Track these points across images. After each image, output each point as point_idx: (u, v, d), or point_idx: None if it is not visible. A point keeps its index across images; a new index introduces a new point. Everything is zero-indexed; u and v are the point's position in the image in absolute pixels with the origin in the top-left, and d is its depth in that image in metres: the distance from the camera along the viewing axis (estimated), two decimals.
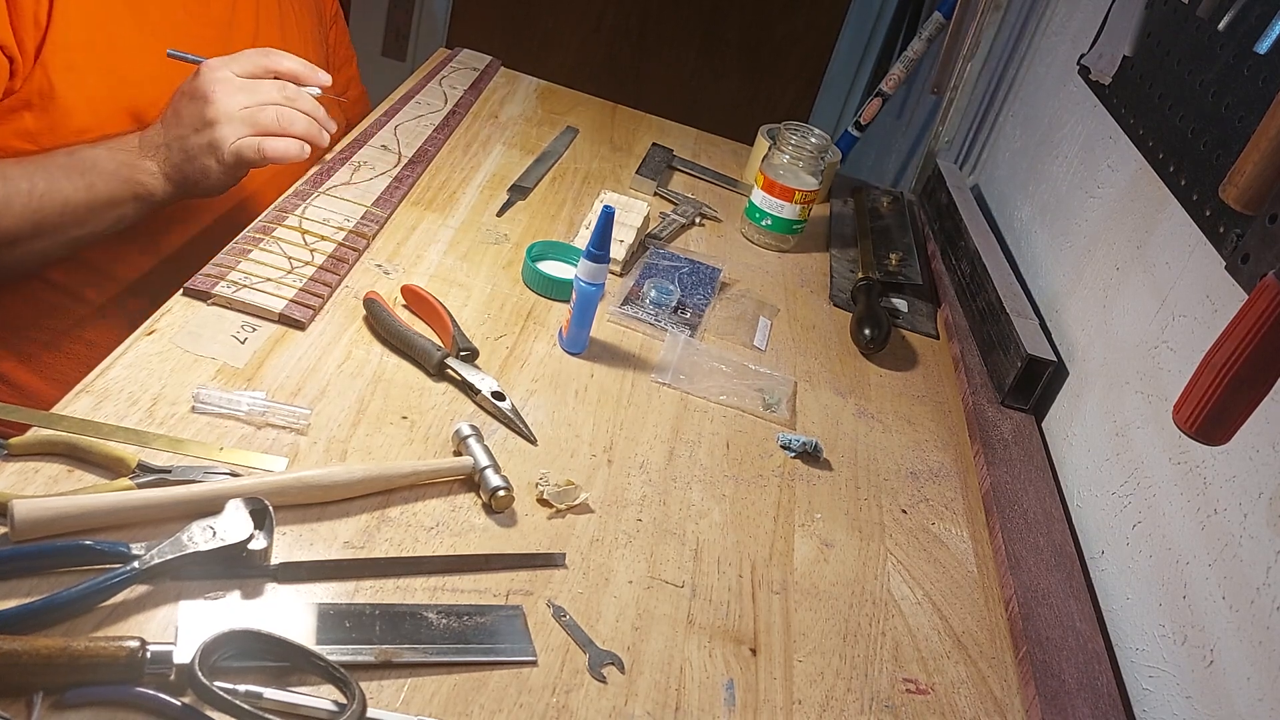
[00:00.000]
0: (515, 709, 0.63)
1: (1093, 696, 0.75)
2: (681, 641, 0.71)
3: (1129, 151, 1.07)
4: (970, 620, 0.81)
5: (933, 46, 1.72)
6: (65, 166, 0.92)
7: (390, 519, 0.73)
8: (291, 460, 0.75)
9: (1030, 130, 1.40)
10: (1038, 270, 1.24)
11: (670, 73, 2.71)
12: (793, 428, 0.97)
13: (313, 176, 1.08)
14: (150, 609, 0.61)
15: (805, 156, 1.28)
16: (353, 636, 0.63)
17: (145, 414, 0.74)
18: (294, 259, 0.94)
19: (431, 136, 1.26)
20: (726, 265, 1.22)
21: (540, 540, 0.75)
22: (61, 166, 0.92)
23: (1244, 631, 0.70)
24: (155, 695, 0.55)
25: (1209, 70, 0.91)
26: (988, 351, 1.14)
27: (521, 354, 0.95)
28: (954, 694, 0.74)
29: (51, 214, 0.91)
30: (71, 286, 1.05)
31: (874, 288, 1.21)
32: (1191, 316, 0.87)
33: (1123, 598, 0.86)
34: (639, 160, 1.42)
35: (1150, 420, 0.89)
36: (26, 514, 0.61)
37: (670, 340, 1.04)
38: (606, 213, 0.90)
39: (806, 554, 0.83)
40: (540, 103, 1.52)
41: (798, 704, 0.69)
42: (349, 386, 0.84)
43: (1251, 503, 0.73)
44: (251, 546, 0.64)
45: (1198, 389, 0.62)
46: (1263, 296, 0.59)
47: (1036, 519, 0.93)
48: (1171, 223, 0.95)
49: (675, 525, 0.81)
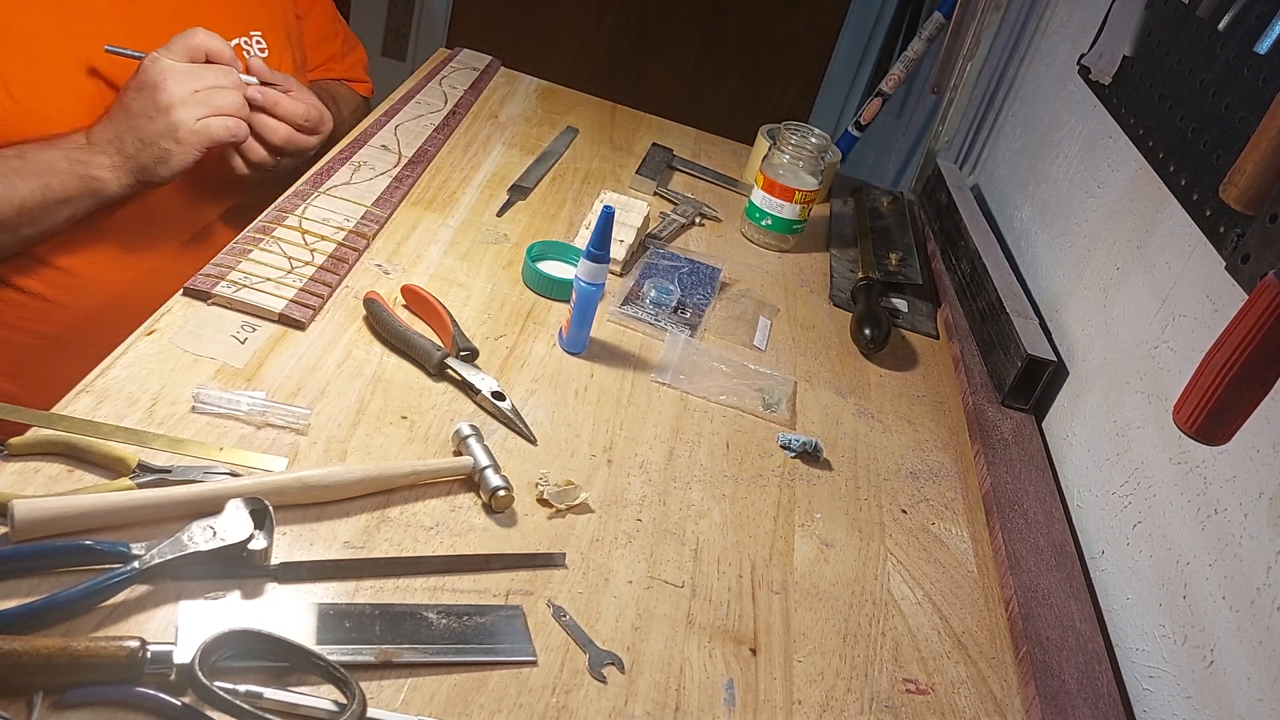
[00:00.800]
0: (515, 709, 0.63)
1: (1093, 696, 0.75)
2: (681, 641, 0.71)
3: (1129, 151, 1.07)
4: (970, 620, 0.81)
5: (933, 46, 1.72)
6: (19, 170, 0.92)
7: (390, 519, 0.73)
8: (291, 460, 0.75)
9: (1030, 130, 1.40)
10: (1038, 270, 1.24)
11: (670, 73, 2.71)
12: (793, 428, 0.97)
13: (313, 176, 1.08)
14: (150, 609, 0.61)
15: (805, 156, 1.28)
16: (353, 636, 0.63)
17: (145, 414, 0.74)
18: (294, 259, 0.94)
19: (431, 136, 1.26)
20: (726, 265, 1.22)
21: (540, 540, 0.75)
22: (15, 170, 0.92)
23: (1244, 632, 0.70)
24: (155, 695, 0.55)
25: (1209, 70, 0.91)
26: (988, 351, 1.14)
27: (521, 354, 0.95)
28: (954, 694, 0.74)
29: (8, 215, 0.92)
30: (48, 293, 1.04)
31: (874, 288, 1.21)
32: (1192, 316, 0.87)
33: (1123, 598, 0.86)
34: (639, 160, 1.42)
35: (1150, 420, 0.89)
36: (26, 514, 0.61)
37: (670, 340, 1.04)
38: (606, 213, 0.90)
39: (806, 554, 0.83)
40: (540, 103, 1.52)
41: (798, 704, 0.69)
42: (349, 386, 0.84)
43: (1252, 503, 0.73)
44: (251, 546, 0.64)
45: (1198, 389, 0.62)
46: (1263, 296, 0.59)
47: (1036, 519, 0.93)
48: (1171, 223, 0.95)
49: (675, 525, 0.81)
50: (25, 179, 0.92)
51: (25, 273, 1.01)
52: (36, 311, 1.04)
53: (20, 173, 0.92)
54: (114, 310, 1.04)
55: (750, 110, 2.70)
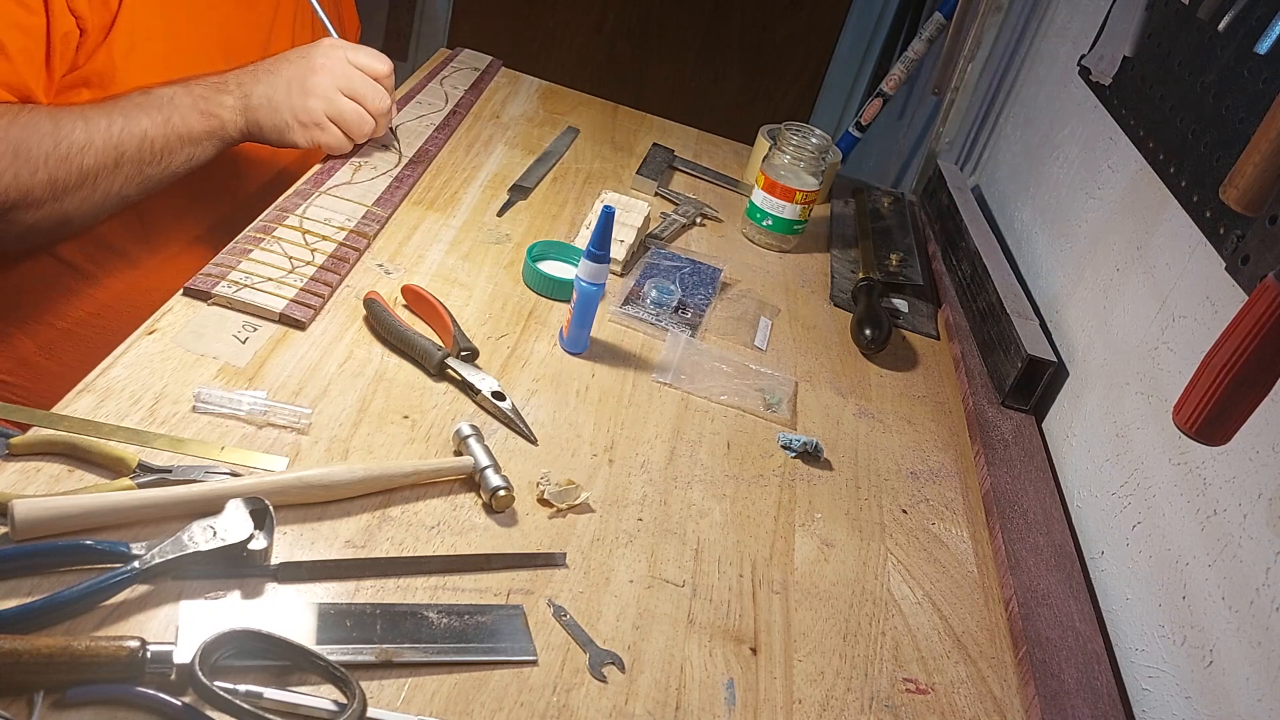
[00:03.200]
0: (516, 708, 0.63)
1: (1092, 696, 0.75)
2: (682, 641, 0.71)
3: (1129, 152, 1.07)
4: (970, 620, 0.81)
5: (933, 47, 1.72)
6: (142, 104, 0.95)
7: (391, 518, 0.73)
8: (292, 460, 0.75)
9: (1031, 131, 1.40)
10: (1038, 271, 1.24)
11: (671, 73, 2.71)
12: (793, 427, 0.97)
13: (313, 176, 1.08)
14: (151, 609, 0.61)
15: (806, 157, 1.28)
16: (353, 636, 0.63)
17: (146, 413, 0.74)
18: (295, 259, 0.94)
19: (432, 136, 1.26)
20: (727, 265, 1.22)
21: (541, 540, 0.75)
22: (139, 105, 0.95)
23: (1243, 632, 0.70)
24: (156, 695, 0.55)
25: (1209, 71, 0.91)
26: (988, 352, 1.14)
27: (522, 354, 0.95)
28: (954, 694, 0.74)
29: (130, 149, 0.94)
30: (92, 271, 1.07)
31: (875, 288, 1.21)
32: (1192, 317, 0.87)
33: (1122, 598, 0.86)
34: (640, 160, 1.42)
35: (1150, 421, 0.89)
36: (27, 513, 0.61)
37: (671, 340, 1.04)
38: (607, 213, 0.90)
39: (807, 554, 0.83)
40: (541, 103, 1.52)
41: (798, 703, 0.69)
42: (350, 386, 0.84)
43: (1251, 503, 0.73)
44: (252, 546, 0.64)
45: (1198, 390, 0.62)
46: (1263, 298, 0.59)
47: (1036, 519, 0.93)
48: (1172, 224, 0.95)
49: (676, 525, 0.81)
50: (148, 112, 0.95)
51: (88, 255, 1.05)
52: (80, 287, 1.07)
53: (143, 106, 0.95)
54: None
55: (751, 110, 2.70)
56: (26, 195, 0.89)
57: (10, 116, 0.88)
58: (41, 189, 0.89)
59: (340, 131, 1.06)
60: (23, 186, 0.88)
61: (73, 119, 0.91)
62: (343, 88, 1.03)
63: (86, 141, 0.91)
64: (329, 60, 1.03)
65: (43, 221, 0.92)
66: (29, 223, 0.91)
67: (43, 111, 0.90)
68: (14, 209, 0.89)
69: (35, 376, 1.08)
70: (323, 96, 1.02)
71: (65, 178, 0.90)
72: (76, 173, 0.91)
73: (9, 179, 0.87)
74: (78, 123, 0.91)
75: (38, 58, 0.91)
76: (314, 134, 1.03)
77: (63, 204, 0.92)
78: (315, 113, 1.02)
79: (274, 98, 1.00)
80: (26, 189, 0.88)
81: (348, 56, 1.04)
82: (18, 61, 0.90)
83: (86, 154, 0.91)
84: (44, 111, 0.91)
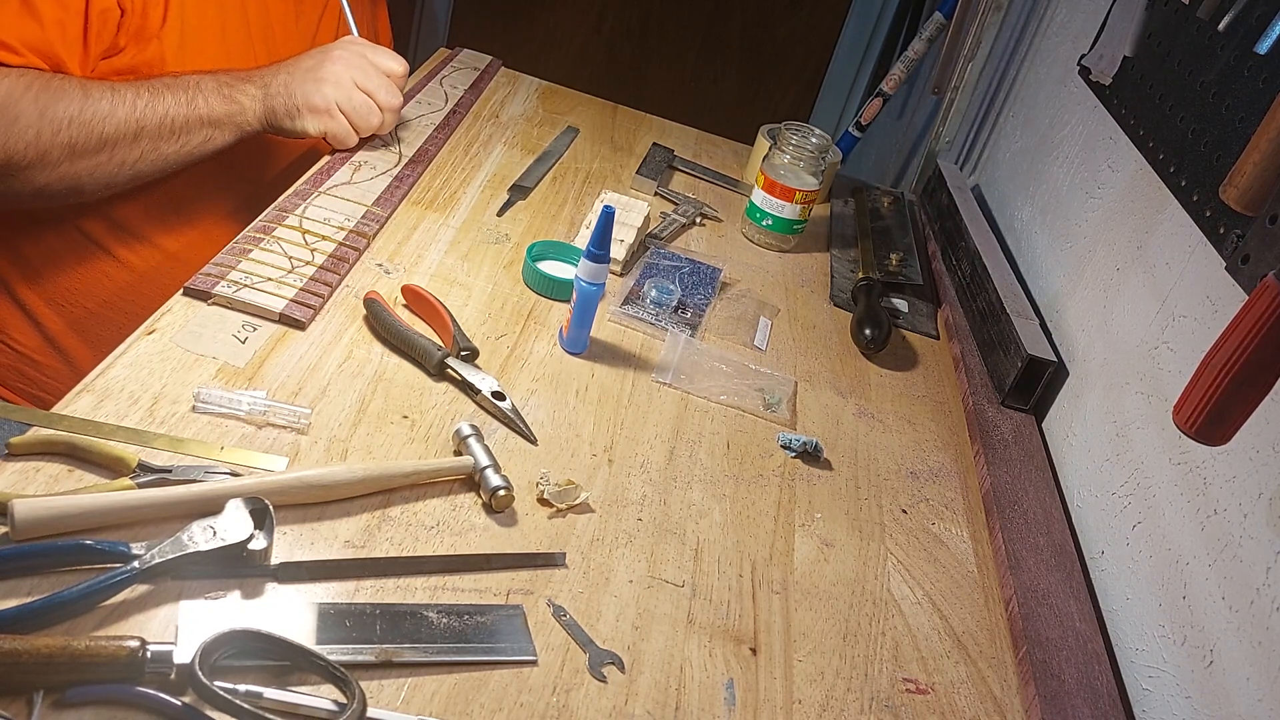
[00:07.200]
0: (515, 708, 0.63)
1: (1092, 697, 0.75)
2: (682, 641, 0.71)
3: (1129, 152, 1.07)
4: (970, 620, 0.81)
5: (933, 47, 1.72)
6: (169, 85, 1.00)
7: (391, 518, 0.73)
8: (292, 460, 0.75)
9: (1030, 131, 1.40)
10: (1038, 271, 1.24)
11: (671, 73, 2.71)
12: (793, 427, 0.97)
13: (313, 176, 1.08)
14: (151, 609, 0.61)
15: (806, 157, 1.28)
16: (353, 636, 0.63)
17: (146, 413, 0.74)
18: (294, 258, 0.94)
19: (432, 136, 1.26)
20: (727, 265, 1.22)
21: (540, 540, 0.75)
22: (167, 85, 1.00)
23: (1244, 632, 0.70)
24: (156, 695, 0.55)
25: (1209, 71, 0.91)
26: (988, 352, 1.14)
27: (522, 354, 0.95)
28: (954, 694, 0.74)
29: (151, 124, 0.98)
30: (124, 255, 1.10)
31: (874, 288, 1.21)
32: (1192, 317, 0.87)
33: (1122, 598, 0.86)
34: (640, 160, 1.42)
35: (1150, 420, 0.89)
36: (27, 513, 0.61)
37: (671, 340, 1.04)
38: (607, 212, 0.90)
39: (807, 554, 0.83)
40: (541, 102, 1.52)
41: (798, 704, 0.69)
42: (350, 386, 0.84)
43: (1251, 503, 0.73)
44: (252, 546, 0.64)
45: (1198, 389, 0.62)
46: (1263, 297, 0.59)
47: (1036, 519, 0.93)
48: (1172, 223, 0.95)
49: (675, 525, 0.81)
50: (174, 91, 1.00)
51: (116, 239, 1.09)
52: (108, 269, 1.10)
53: (170, 87, 1.00)
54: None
55: (751, 110, 2.70)
56: (44, 156, 0.92)
57: (43, 81, 0.92)
58: (60, 150, 0.93)
59: (347, 122, 1.08)
60: (43, 146, 0.92)
61: (101, 89, 0.95)
62: (357, 79, 1.07)
63: (110, 111, 0.95)
64: (347, 52, 1.07)
65: (54, 184, 0.95)
66: (40, 183, 0.94)
67: (74, 80, 0.95)
68: (30, 168, 0.92)
69: (61, 359, 1.11)
70: (336, 84, 1.05)
71: (85, 141, 0.94)
72: (96, 139, 0.94)
73: (30, 136, 0.91)
74: (105, 93, 0.95)
75: (72, 30, 0.95)
76: (324, 121, 1.06)
77: (76, 167, 0.95)
78: (327, 99, 1.05)
79: (290, 84, 1.04)
80: (46, 149, 0.92)
81: (365, 52, 1.07)
82: (50, 31, 0.93)
83: (108, 122, 0.95)
84: (76, 80, 0.95)
